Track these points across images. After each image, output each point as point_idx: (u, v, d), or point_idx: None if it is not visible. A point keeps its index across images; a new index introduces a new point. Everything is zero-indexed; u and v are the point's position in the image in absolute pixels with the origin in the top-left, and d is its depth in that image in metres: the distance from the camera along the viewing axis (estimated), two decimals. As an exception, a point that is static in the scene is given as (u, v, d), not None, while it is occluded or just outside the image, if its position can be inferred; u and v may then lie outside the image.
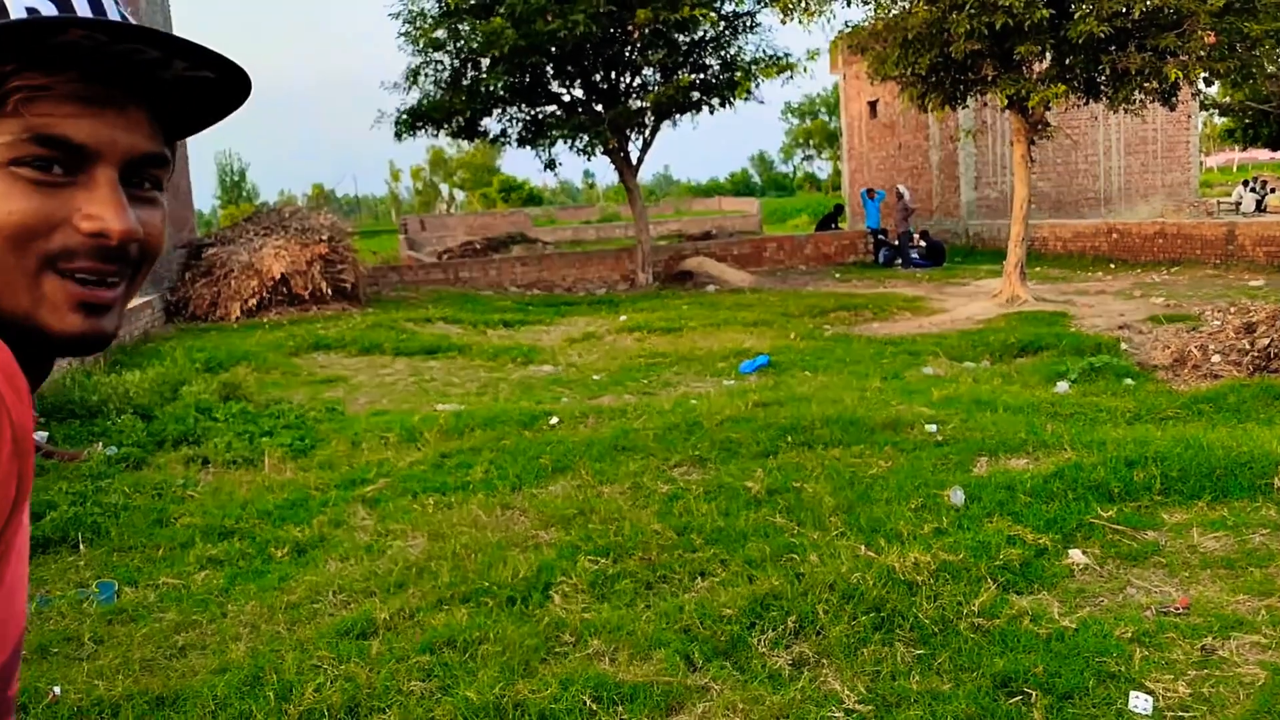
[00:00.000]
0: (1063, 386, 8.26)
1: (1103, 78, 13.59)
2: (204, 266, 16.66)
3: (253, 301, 16.20)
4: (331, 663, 3.69)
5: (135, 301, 16.08)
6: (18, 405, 0.74)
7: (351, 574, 4.68)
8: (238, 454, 7.00)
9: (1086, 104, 14.88)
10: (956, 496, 5.05)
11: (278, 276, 16.32)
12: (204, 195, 71.40)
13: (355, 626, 4.01)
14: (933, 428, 6.50)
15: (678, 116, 20.20)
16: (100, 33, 0.81)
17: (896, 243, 21.90)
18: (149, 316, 14.90)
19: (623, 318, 14.57)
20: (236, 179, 68.00)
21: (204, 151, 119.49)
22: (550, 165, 21.45)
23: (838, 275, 20.51)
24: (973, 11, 12.43)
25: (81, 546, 5.28)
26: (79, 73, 0.83)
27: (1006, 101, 13.66)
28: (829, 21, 14.53)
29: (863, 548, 4.48)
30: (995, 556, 4.28)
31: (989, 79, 13.56)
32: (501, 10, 17.98)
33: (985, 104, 22.00)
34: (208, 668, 3.79)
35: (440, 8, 18.99)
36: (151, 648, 4.03)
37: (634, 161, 20.63)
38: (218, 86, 0.91)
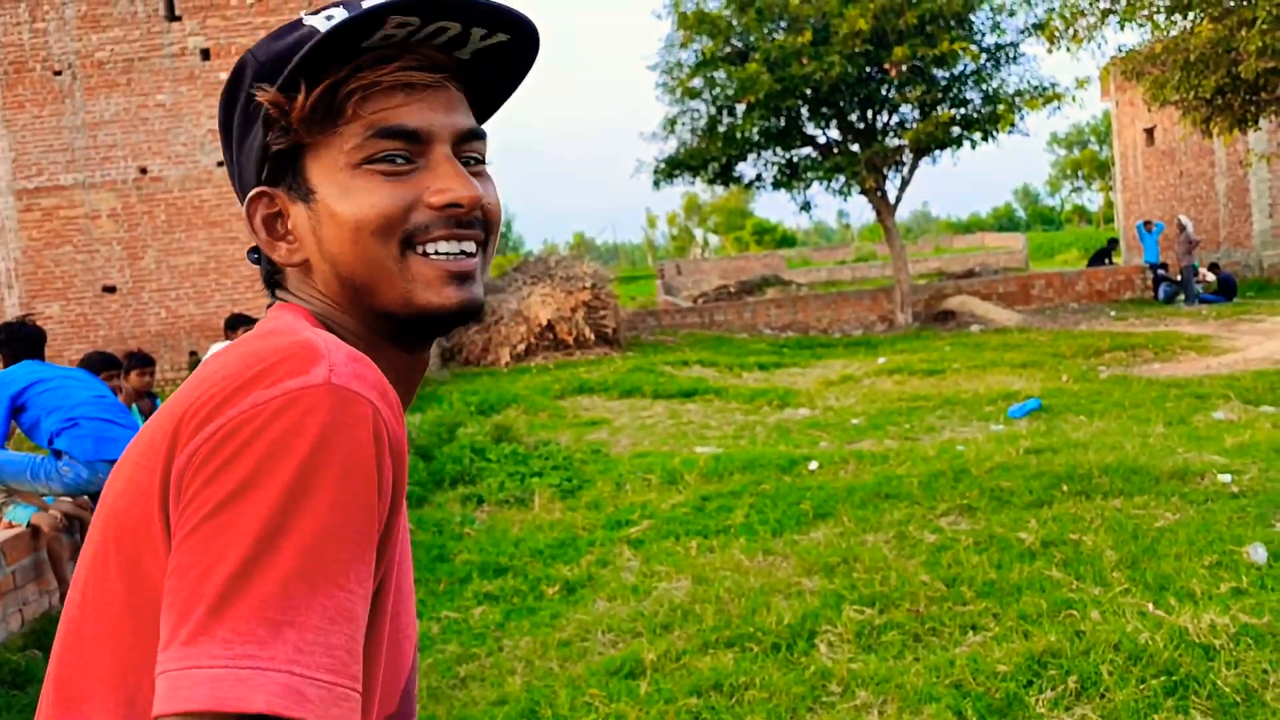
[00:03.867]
0: (1381, 433, 7.45)
1: None
2: (476, 314, 17.63)
3: (521, 347, 16.99)
4: (602, 700, 3.79)
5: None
6: (391, 417, 0.81)
7: (619, 614, 4.80)
8: (510, 493, 7.33)
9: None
10: (1258, 553, 4.63)
11: (544, 323, 17.06)
12: (475, 246, 75.47)
13: (624, 666, 4.11)
14: (1226, 478, 6.01)
15: (937, 153, 19.75)
16: (413, 14, 0.89)
17: (1179, 278, 20.46)
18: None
19: (881, 359, 14.31)
20: (503, 229, 71.65)
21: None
22: (805, 207, 21.47)
23: (1113, 313, 19.37)
24: (1265, 27, 11.53)
25: (372, 578, 5.67)
26: (399, 63, 0.91)
27: (1305, 122, 12.58)
28: (1099, 47, 13.86)
29: (1150, 606, 4.19)
30: (1306, 621, 3.90)
31: (1285, 99, 12.53)
32: (756, 56, 18.22)
33: (1280, 125, 20.30)
34: (487, 699, 3.98)
35: (697, 58, 19.44)
36: (436, 677, 4.27)
37: (891, 200, 20.30)
38: (511, 51, 0.97)
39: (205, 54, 16.02)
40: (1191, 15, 12.81)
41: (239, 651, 0.71)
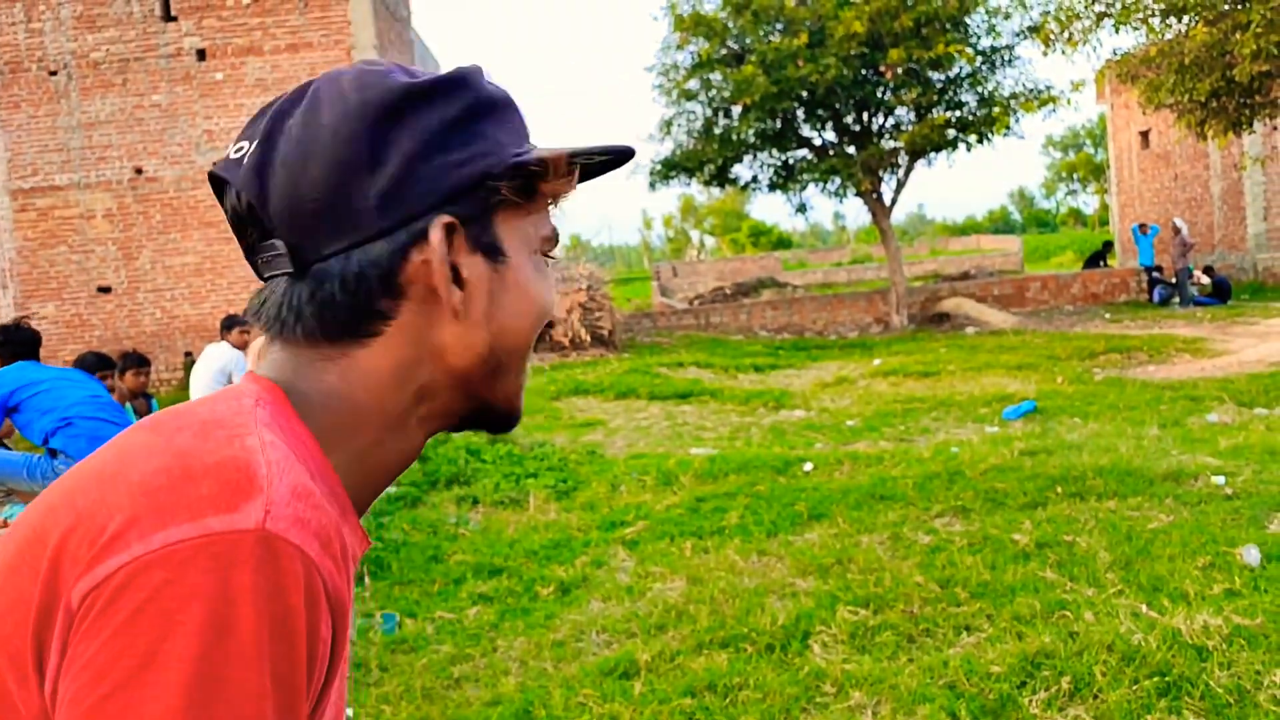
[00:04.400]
0: (1374, 436, 7.47)
1: None
2: (472, 315, 17.64)
3: (516, 348, 16.97)
4: (596, 701, 3.80)
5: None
6: (332, 570, 0.72)
7: (613, 614, 4.81)
8: (505, 494, 7.33)
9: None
10: (1250, 555, 4.65)
11: (540, 324, 17.05)
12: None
13: (618, 666, 4.11)
14: (1220, 479, 6.03)
15: (932, 155, 19.78)
16: (613, 157, 0.92)
17: (1174, 280, 20.51)
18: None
19: (876, 361, 14.33)
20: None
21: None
22: (801, 209, 21.49)
23: (1108, 315, 19.41)
24: (1259, 30, 11.57)
25: (367, 579, 5.68)
26: (574, 180, 0.92)
27: (1299, 125, 12.62)
28: (1094, 50, 13.86)
29: (1143, 607, 4.20)
30: (1299, 623, 3.92)
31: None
32: (752, 59, 18.24)
33: (1276, 128, 20.35)
34: (481, 699, 3.98)
35: (693, 60, 19.46)
36: (430, 677, 4.27)
37: (887, 202, 20.33)
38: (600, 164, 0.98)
39: (201, 54, 16.01)
40: (1186, 19, 12.85)
41: None
